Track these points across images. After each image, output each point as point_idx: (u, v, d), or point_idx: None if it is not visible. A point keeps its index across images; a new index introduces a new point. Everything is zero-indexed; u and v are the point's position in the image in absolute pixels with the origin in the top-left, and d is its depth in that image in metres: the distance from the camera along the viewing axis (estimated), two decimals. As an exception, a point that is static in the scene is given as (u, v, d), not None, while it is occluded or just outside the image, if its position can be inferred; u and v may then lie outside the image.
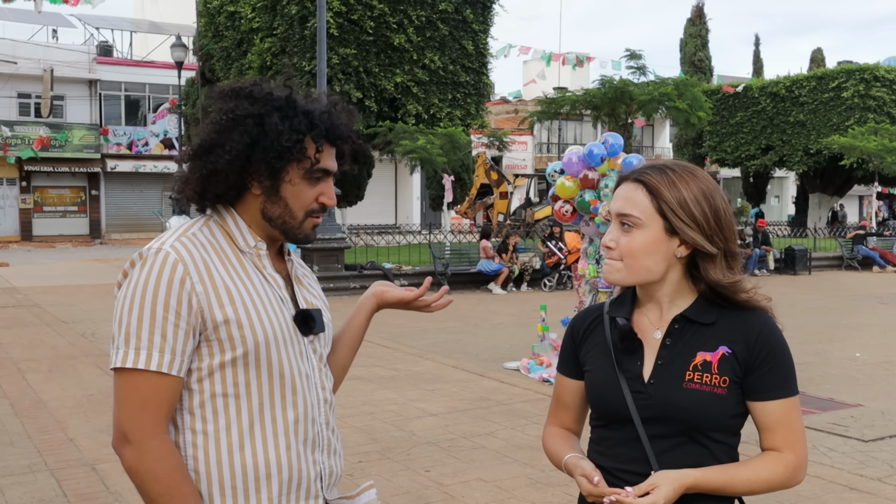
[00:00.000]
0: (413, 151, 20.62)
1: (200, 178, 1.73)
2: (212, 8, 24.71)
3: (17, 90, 32.04)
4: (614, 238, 1.77)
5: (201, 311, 1.65)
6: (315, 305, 1.87)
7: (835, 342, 10.68)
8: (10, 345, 9.90)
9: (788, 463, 1.74)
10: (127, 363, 1.62)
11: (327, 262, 15.84)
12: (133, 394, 1.63)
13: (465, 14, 23.55)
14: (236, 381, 1.69)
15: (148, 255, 1.67)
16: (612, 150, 8.04)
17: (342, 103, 1.82)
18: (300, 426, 1.76)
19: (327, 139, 1.76)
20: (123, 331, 1.64)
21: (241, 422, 1.69)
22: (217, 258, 1.71)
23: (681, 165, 1.78)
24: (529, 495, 5.02)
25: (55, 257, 24.87)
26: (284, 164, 1.72)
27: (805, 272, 21.48)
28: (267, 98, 1.74)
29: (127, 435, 1.63)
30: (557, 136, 42.84)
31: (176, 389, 1.66)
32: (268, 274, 1.78)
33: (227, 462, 1.69)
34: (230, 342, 1.67)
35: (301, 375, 1.77)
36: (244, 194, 1.77)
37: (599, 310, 1.91)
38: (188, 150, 1.77)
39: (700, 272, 1.75)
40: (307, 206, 1.78)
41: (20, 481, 5.20)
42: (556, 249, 17.23)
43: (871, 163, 28.24)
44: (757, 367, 1.73)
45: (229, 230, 1.77)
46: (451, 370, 8.76)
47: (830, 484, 5.22)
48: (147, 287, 1.63)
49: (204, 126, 1.76)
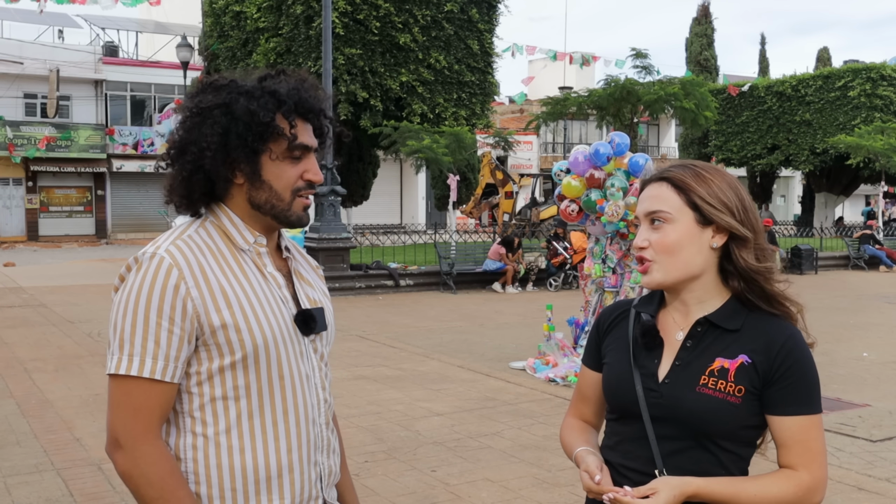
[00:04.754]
0: (419, 151, 20.61)
1: (182, 181, 1.70)
2: (217, 8, 24.75)
3: (24, 90, 32.10)
4: (646, 237, 1.75)
5: (197, 316, 1.63)
6: (317, 302, 1.84)
7: (842, 342, 10.64)
8: (17, 344, 9.92)
9: (802, 483, 1.67)
10: (120, 369, 1.61)
11: (332, 261, 15.83)
12: (125, 399, 1.62)
13: (471, 14, 23.54)
14: (236, 384, 1.68)
15: (143, 260, 1.65)
16: (618, 149, 8.03)
17: (309, 80, 1.78)
18: (301, 428, 1.75)
19: (298, 114, 1.72)
20: (118, 336, 1.63)
21: (241, 425, 1.68)
22: (214, 260, 1.69)
23: (702, 163, 1.80)
24: (536, 495, 5.01)
25: (61, 257, 24.92)
26: (260, 146, 1.69)
27: (811, 272, 21.43)
28: (230, 86, 1.72)
29: (119, 440, 1.63)
30: (563, 136, 42.82)
31: (169, 395, 1.65)
32: (268, 273, 1.76)
33: (228, 465, 1.68)
34: (228, 346, 1.66)
35: (301, 376, 1.76)
36: (230, 187, 1.74)
37: (628, 304, 1.90)
38: (164, 157, 1.75)
39: (733, 264, 1.73)
40: (292, 185, 1.74)
41: (27, 481, 5.20)
42: (562, 249, 17.20)
43: (877, 162, 28.14)
44: (777, 380, 1.68)
45: (226, 229, 1.75)
46: (457, 370, 8.75)
47: (838, 484, 5.20)
48: (141, 293, 1.62)
49: (174, 128, 1.74)
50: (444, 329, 11.58)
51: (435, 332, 11.34)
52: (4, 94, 31.28)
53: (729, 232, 1.72)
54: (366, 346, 10.16)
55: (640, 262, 1.76)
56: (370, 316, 12.88)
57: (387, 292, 16.15)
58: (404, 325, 11.93)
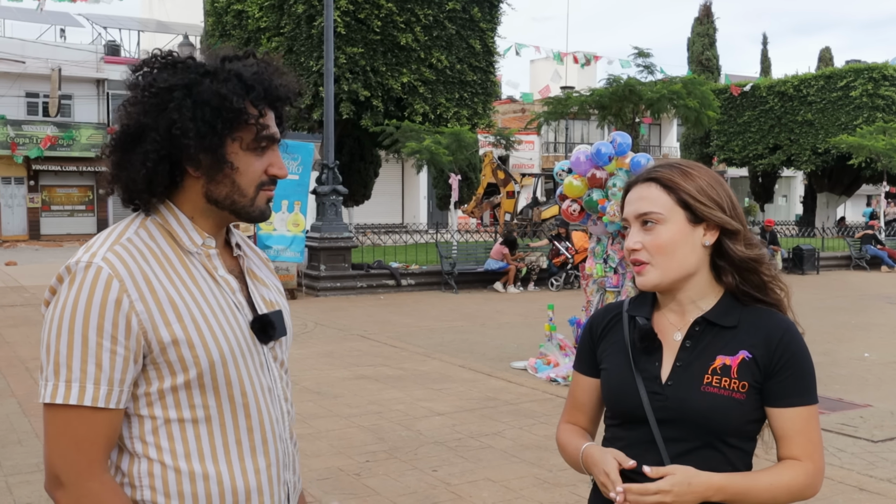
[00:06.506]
0: (419, 152, 20.61)
1: (135, 171, 1.48)
2: (219, 7, 24.73)
3: (25, 89, 32.11)
4: (638, 239, 1.74)
5: (144, 333, 1.44)
6: (273, 304, 1.67)
7: (843, 342, 10.63)
8: (18, 343, 9.92)
9: (809, 472, 1.71)
10: (57, 398, 1.41)
11: (334, 261, 15.83)
12: (65, 432, 1.42)
13: (473, 13, 23.52)
14: (192, 403, 1.49)
15: (77, 271, 1.44)
16: (620, 149, 8.02)
17: (275, 63, 1.59)
18: (269, 446, 1.59)
19: (267, 102, 1.54)
20: (52, 360, 1.42)
21: (201, 449, 1.51)
22: (158, 267, 1.49)
23: (685, 161, 1.81)
24: (537, 495, 5.00)
25: (63, 256, 24.91)
26: (226, 136, 1.50)
27: (813, 272, 21.41)
28: (189, 64, 1.52)
29: (60, 477, 1.43)
30: (564, 136, 42.80)
31: (115, 423, 1.46)
32: (219, 277, 1.57)
33: (191, 493, 1.50)
34: (181, 364, 1.47)
35: (264, 389, 1.58)
36: (182, 180, 1.53)
37: (619, 308, 1.89)
38: (110, 142, 1.53)
39: (726, 259, 1.75)
40: (256, 180, 1.56)
41: (28, 480, 5.21)
42: (564, 249, 17.20)
43: (879, 162, 28.12)
44: (777, 373, 1.70)
45: (171, 229, 1.54)
46: (459, 370, 8.75)
47: (840, 485, 5.19)
48: (77, 309, 1.41)
49: (122, 110, 1.52)
50: (446, 329, 11.58)
51: (436, 331, 11.34)
52: (6, 93, 31.30)
53: (720, 228, 1.74)
54: (367, 345, 10.16)
55: (635, 265, 1.76)
56: (371, 315, 12.89)
57: (388, 292, 16.15)
58: (406, 324, 11.93)
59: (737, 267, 1.75)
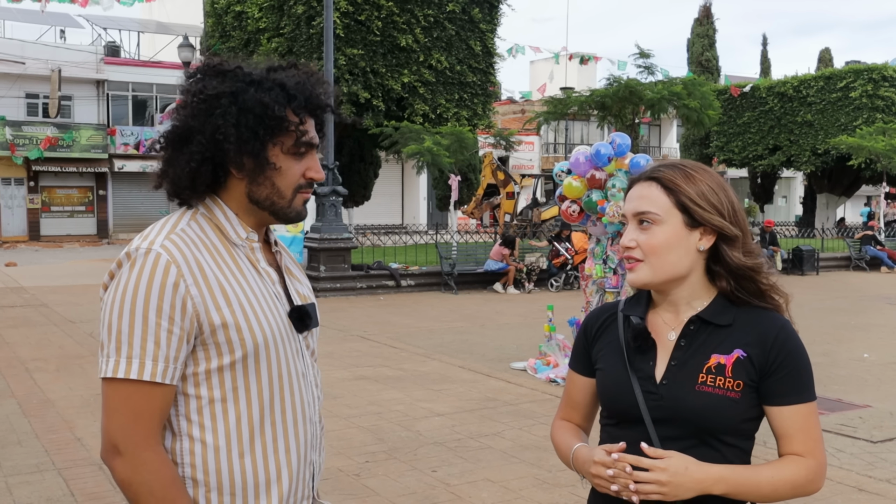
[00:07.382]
0: (419, 154, 20.62)
1: (190, 171, 1.62)
2: (219, 8, 24.76)
3: (25, 90, 32.10)
4: (633, 238, 1.75)
5: (197, 315, 1.56)
6: (307, 298, 1.81)
7: (843, 343, 10.64)
8: (18, 344, 9.93)
9: (811, 467, 1.70)
10: (119, 373, 1.54)
11: (334, 261, 15.83)
12: (125, 404, 1.55)
13: (473, 14, 23.55)
14: (235, 385, 1.62)
15: (137, 256, 1.57)
16: (619, 150, 8.02)
17: (317, 74, 1.73)
18: (300, 427, 1.71)
19: (307, 110, 1.67)
20: (114, 338, 1.55)
21: (240, 429, 1.62)
22: (209, 255, 1.63)
23: (691, 162, 1.80)
24: (536, 496, 5.01)
25: (63, 257, 24.92)
26: (267, 141, 1.63)
27: (813, 273, 21.41)
28: (237, 73, 1.65)
29: (118, 447, 1.55)
30: (564, 136, 42.81)
31: (169, 398, 1.58)
32: (262, 269, 1.71)
33: (227, 471, 1.62)
34: (228, 346, 1.60)
35: (298, 375, 1.73)
36: (227, 180, 1.67)
37: (614, 308, 1.89)
38: (160, 141, 1.67)
39: (721, 265, 1.74)
40: (295, 183, 1.69)
41: (28, 480, 5.21)
42: (563, 250, 17.21)
43: (879, 163, 28.14)
44: (773, 372, 1.70)
45: (219, 223, 1.68)
46: (458, 370, 8.75)
47: (839, 485, 5.19)
48: (138, 291, 1.54)
49: (175, 113, 1.66)
50: (445, 329, 11.59)
51: (436, 332, 11.34)
52: (6, 94, 31.30)
53: (717, 233, 1.73)
54: (367, 346, 10.17)
55: (628, 261, 1.77)
56: (371, 316, 12.89)
57: (388, 293, 16.15)
58: (405, 325, 11.93)
59: (733, 273, 1.74)
